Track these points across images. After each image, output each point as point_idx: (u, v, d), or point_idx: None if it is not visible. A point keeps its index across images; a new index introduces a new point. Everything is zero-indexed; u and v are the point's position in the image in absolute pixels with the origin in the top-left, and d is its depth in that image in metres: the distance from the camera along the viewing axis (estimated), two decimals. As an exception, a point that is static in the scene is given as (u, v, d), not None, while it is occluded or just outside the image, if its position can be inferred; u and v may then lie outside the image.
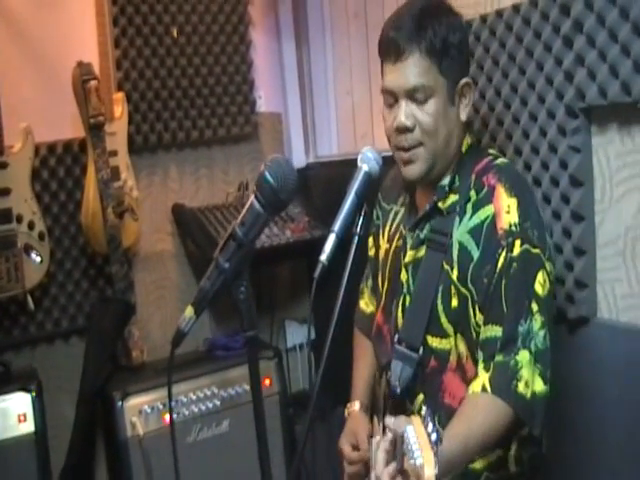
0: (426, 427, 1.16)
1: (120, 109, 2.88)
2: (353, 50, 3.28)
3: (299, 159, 3.44)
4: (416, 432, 1.16)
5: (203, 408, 2.77)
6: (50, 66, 2.84)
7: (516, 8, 1.99)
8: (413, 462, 1.13)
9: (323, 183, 3.17)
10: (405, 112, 1.58)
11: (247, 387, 2.84)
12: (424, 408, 1.23)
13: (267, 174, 1.35)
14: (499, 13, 2.05)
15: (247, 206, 1.36)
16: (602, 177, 1.86)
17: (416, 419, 1.20)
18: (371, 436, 1.81)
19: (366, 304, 2.03)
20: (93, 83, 2.69)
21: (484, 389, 1.49)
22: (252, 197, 1.36)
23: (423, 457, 1.12)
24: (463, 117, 1.64)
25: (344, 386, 2.02)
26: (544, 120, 1.93)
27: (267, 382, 2.88)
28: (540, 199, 1.97)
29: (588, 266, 1.89)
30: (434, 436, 1.15)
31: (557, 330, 1.97)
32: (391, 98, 1.61)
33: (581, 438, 1.97)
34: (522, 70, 1.99)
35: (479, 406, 1.50)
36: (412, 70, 1.55)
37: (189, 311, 1.36)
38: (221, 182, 3.26)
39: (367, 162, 1.58)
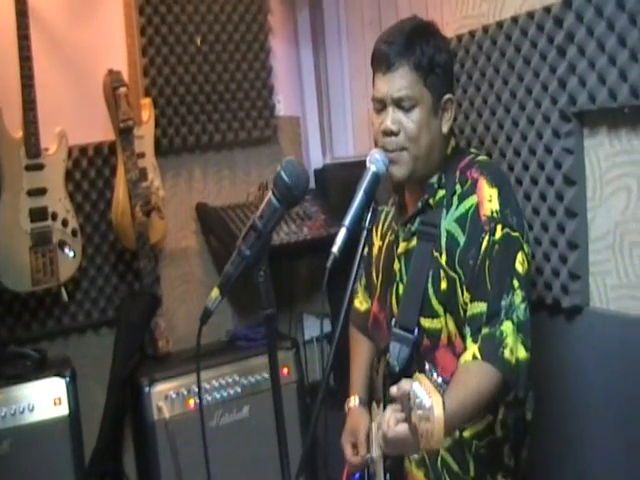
0: (430, 378, 1.29)
1: (147, 114, 3.05)
2: (368, 56, 3.35)
3: (316, 160, 3.60)
4: (422, 384, 1.28)
5: (225, 395, 2.92)
6: (82, 74, 3.00)
7: (515, 20, 2.14)
8: (422, 409, 1.25)
9: (339, 183, 3.30)
10: (392, 117, 1.72)
11: (266, 375, 2.98)
12: (427, 364, 1.35)
13: (283, 173, 1.52)
14: (499, 24, 2.20)
15: (265, 201, 1.52)
16: (593, 177, 2.01)
17: (420, 376, 1.33)
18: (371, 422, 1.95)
19: (360, 302, 2.15)
20: (123, 90, 2.88)
21: (475, 357, 1.62)
22: (270, 193, 1.52)
23: (432, 400, 1.24)
24: (444, 129, 1.77)
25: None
26: (540, 124, 2.09)
27: (285, 371, 3.03)
28: (537, 197, 2.13)
29: (581, 259, 2.05)
30: (440, 380, 1.28)
31: (553, 320, 2.14)
32: (380, 105, 1.75)
33: (575, 416, 2.11)
34: (520, 77, 2.14)
35: (472, 372, 1.62)
36: (400, 81, 1.70)
37: (215, 292, 1.53)
38: (242, 182, 3.42)
39: (375, 163, 1.71)
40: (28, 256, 2.76)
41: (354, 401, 2.05)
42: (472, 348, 1.64)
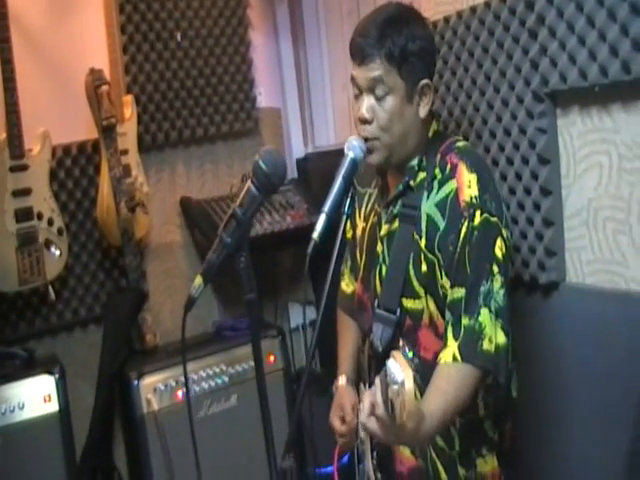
0: (403, 353, 1.33)
1: (129, 111, 3.07)
2: (347, 46, 3.44)
3: (298, 150, 3.62)
4: (397, 361, 1.33)
5: (213, 384, 2.96)
6: (64, 73, 3.01)
7: (487, 4, 2.18)
8: (395, 385, 1.29)
9: (321, 172, 3.31)
10: (366, 105, 1.76)
11: (253, 364, 3.03)
12: (401, 340, 1.39)
13: (261, 162, 1.55)
14: (473, 9, 2.24)
15: (244, 190, 1.55)
16: (567, 155, 2.05)
17: (394, 352, 1.37)
18: (359, 403, 1.98)
19: (347, 285, 2.19)
20: (105, 88, 2.88)
21: (455, 359, 1.66)
22: (248, 182, 1.56)
23: (404, 374, 1.29)
24: (422, 114, 1.80)
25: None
26: (514, 105, 2.12)
27: (271, 359, 3.07)
28: (513, 177, 2.17)
29: (556, 236, 2.09)
30: (410, 354, 1.32)
31: (531, 296, 2.18)
32: (357, 90, 1.79)
33: (553, 392, 2.15)
34: (494, 60, 2.18)
35: (452, 377, 1.66)
36: (372, 73, 1.73)
37: (198, 280, 1.56)
38: (225, 175, 3.44)
39: (352, 149, 1.75)
40: (15, 256, 2.78)
41: (342, 380, 2.09)
42: (452, 346, 1.67)
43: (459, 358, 1.65)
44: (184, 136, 3.31)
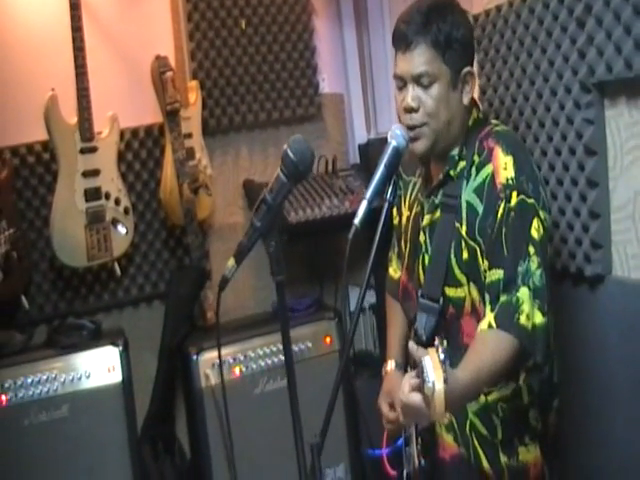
0: (438, 351, 1.38)
1: (194, 96, 3.18)
2: None
3: (361, 135, 3.66)
4: (431, 360, 1.37)
5: (270, 363, 3.05)
6: (132, 60, 3.15)
7: (538, -8, 2.16)
8: (428, 383, 1.35)
9: (382, 157, 3.35)
10: (412, 95, 1.78)
11: (310, 344, 3.13)
12: (436, 339, 1.44)
13: (289, 151, 1.60)
14: (523, -3, 2.23)
15: (274, 177, 1.61)
16: (614, 147, 2.03)
17: (431, 350, 1.41)
18: None
19: (394, 270, 2.21)
20: (169, 74, 3.01)
21: (490, 326, 1.68)
22: (278, 169, 1.62)
23: (435, 375, 1.34)
24: (465, 101, 1.82)
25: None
26: (563, 95, 2.11)
27: (328, 340, 3.15)
28: (560, 167, 2.16)
29: (602, 228, 2.07)
30: (442, 356, 1.37)
31: (577, 288, 2.17)
32: (401, 82, 1.81)
33: (597, 383, 2.15)
34: (543, 49, 2.17)
35: (487, 340, 1.69)
36: (418, 59, 1.76)
37: (231, 262, 1.63)
38: (287, 159, 3.51)
39: (395, 138, 1.78)
40: (84, 234, 2.94)
41: (390, 365, 2.11)
42: (489, 316, 1.69)
43: (494, 325, 1.67)
44: (248, 120, 3.40)
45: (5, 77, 2.94)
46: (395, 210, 2.13)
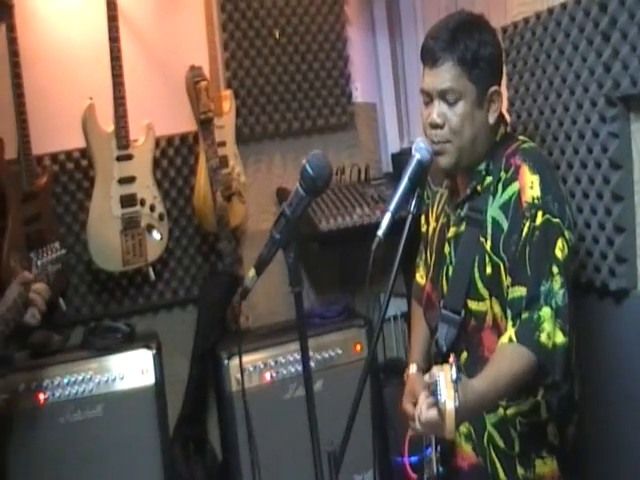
0: (451, 370, 1.41)
1: (228, 104, 3.24)
2: None
3: (394, 145, 3.68)
4: (445, 378, 1.40)
5: (300, 369, 3.07)
6: (167, 69, 3.23)
7: (564, 6, 2.17)
8: (441, 401, 1.38)
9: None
10: (437, 111, 1.80)
11: (340, 351, 3.15)
12: (452, 356, 1.47)
13: (307, 166, 1.65)
14: (550, 11, 2.23)
15: (294, 191, 1.65)
16: (640, 160, 2.02)
17: (446, 367, 1.43)
18: None
19: (421, 277, 2.22)
20: (203, 84, 3.08)
21: (510, 340, 1.68)
22: (297, 184, 1.66)
23: (447, 394, 1.37)
24: (491, 120, 1.82)
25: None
26: (588, 108, 2.11)
27: (358, 348, 3.17)
28: (586, 180, 2.16)
29: (628, 242, 2.06)
30: (454, 376, 1.40)
31: (602, 302, 2.16)
32: (427, 97, 1.83)
33: (622, 396, 2.14)
34: (570, 62, 2.17)
35: (506, 354, 1.69)
36: (445, 75, 1.77)
37: (252, 272, 1.69)
38: (320, 167, 3.55)
39: (419, 151, 1.80)
40: (119, 239, 3.02)
41: (412, 368, 2.11)
42: (510, 331, 1.70)
43: (514, 340, 1.67)
44: (281, 129, 3.45)
45: (46, 86, 3.04)
46: (423, 218, 2.14)
